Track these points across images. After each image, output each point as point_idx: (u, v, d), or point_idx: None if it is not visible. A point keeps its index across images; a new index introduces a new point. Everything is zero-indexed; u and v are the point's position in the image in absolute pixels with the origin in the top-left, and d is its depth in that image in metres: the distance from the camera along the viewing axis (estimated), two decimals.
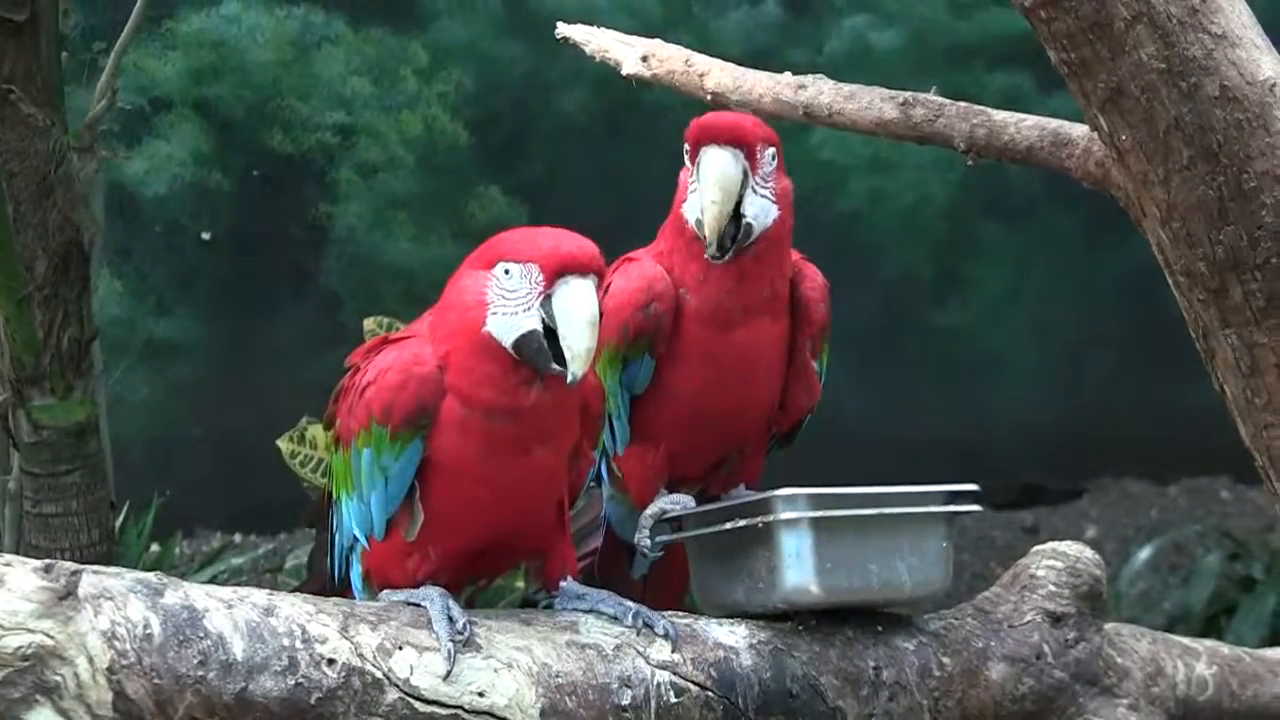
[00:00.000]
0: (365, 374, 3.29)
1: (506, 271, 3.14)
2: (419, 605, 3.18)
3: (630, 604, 3.31)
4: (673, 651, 3.24)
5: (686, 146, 3.56)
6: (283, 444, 5.09)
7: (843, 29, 8.93)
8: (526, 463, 3.24)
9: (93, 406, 5.31)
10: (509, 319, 3.13)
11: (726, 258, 3.53)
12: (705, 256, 3.53)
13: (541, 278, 3.12)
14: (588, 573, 4.10)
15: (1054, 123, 3.57)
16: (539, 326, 3.11)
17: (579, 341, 3.10)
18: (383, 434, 3.23)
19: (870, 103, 3.81)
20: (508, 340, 3.13)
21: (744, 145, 3.50)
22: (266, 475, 5.21)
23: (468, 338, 3.17)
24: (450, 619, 3.13)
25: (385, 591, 3.30)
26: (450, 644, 3.09)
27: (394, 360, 3.25)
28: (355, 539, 3.39)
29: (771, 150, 3.56)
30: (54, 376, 5.17)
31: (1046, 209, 9.02)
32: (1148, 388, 8.78)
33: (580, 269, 3.12)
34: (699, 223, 3.52)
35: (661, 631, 3.26)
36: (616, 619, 3.29)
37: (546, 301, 3.11)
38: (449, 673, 3.07)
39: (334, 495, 3.47)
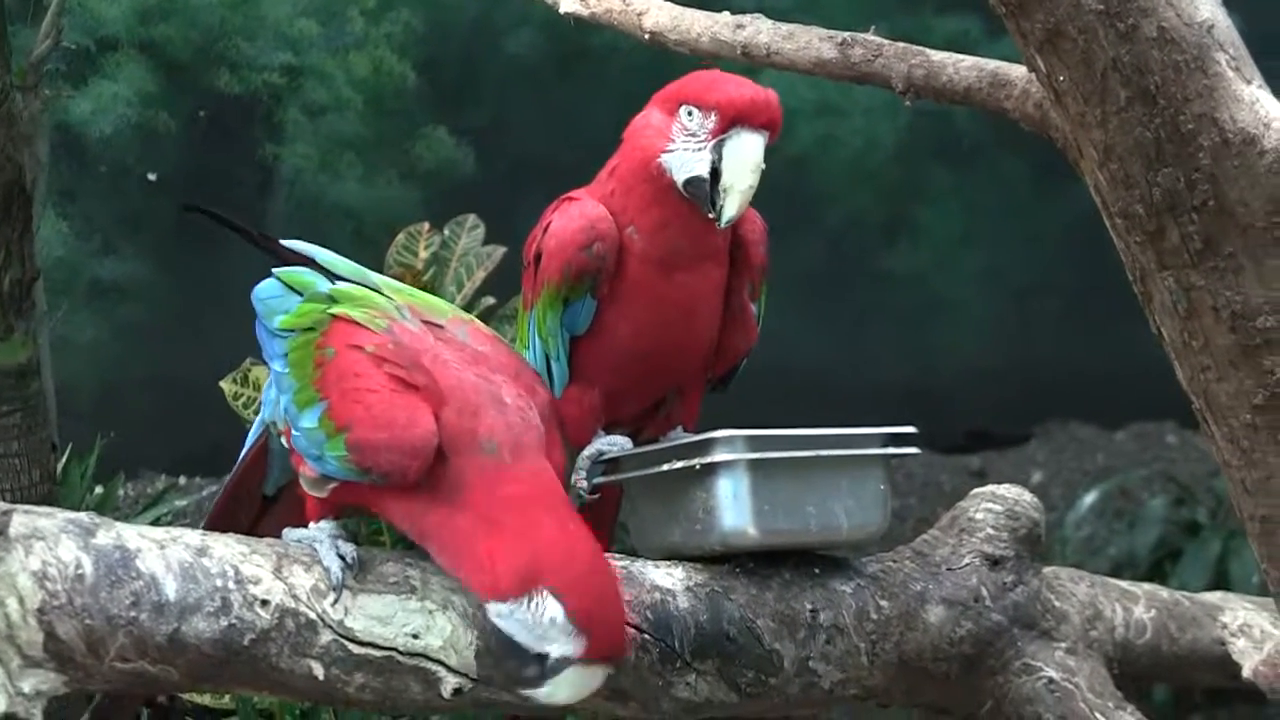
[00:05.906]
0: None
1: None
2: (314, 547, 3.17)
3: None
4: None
5: (691, 107, 3.44)
6: (226, 385, 5.09)
7: None
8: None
9: (34, 347, 5.29)
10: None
11: None
12: (718, 224, 3.45)
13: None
14: None
15: (992, 64, 3.56)
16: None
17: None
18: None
19: (808, 42, 3.79)
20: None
21: (772, 127, 3.46)
22: (211, 417, 5.18)
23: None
24: (340, 555, 3.12)
25: (285, 531, 3.26)
26: (339, 572, 3.08)
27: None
28: None
29: None
30: None
31: (995, 154, 9.02)
32: (1095, 332, 8.80)
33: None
34: (697, 185, 3.44)
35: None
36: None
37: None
38: (336, 600, 3.07)
39: None
